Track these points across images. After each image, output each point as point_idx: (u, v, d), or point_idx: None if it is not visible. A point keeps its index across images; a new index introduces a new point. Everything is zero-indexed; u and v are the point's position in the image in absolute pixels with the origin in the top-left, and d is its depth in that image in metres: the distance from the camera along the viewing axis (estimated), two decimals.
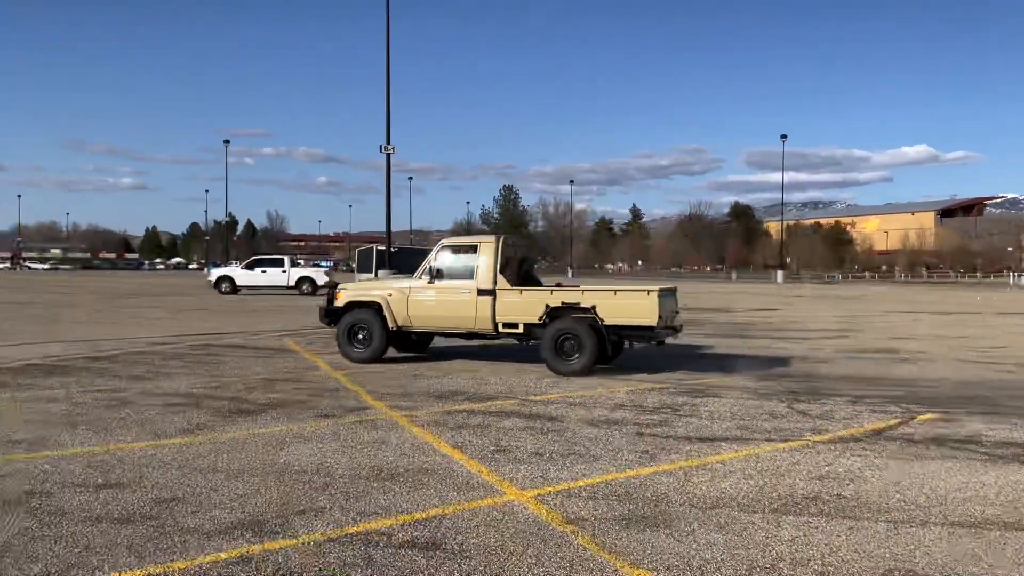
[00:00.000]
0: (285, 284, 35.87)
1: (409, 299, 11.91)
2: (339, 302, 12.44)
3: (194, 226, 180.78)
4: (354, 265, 42.43)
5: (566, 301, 11.03)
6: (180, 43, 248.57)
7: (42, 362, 11.56)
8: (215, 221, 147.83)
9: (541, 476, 5.73)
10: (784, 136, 72.85)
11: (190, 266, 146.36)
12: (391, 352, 12.47)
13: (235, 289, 35.80)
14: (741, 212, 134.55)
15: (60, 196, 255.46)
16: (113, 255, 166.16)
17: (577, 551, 4.27)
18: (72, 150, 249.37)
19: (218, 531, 4.51)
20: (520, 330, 11.36)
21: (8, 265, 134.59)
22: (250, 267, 36.80)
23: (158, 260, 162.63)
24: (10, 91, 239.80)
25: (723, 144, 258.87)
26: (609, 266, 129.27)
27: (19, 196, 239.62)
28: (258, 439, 6.80)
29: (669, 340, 11.80)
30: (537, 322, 11.14)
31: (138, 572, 3.93)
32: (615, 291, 11.06)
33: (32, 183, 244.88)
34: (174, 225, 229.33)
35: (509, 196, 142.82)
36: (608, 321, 10.74)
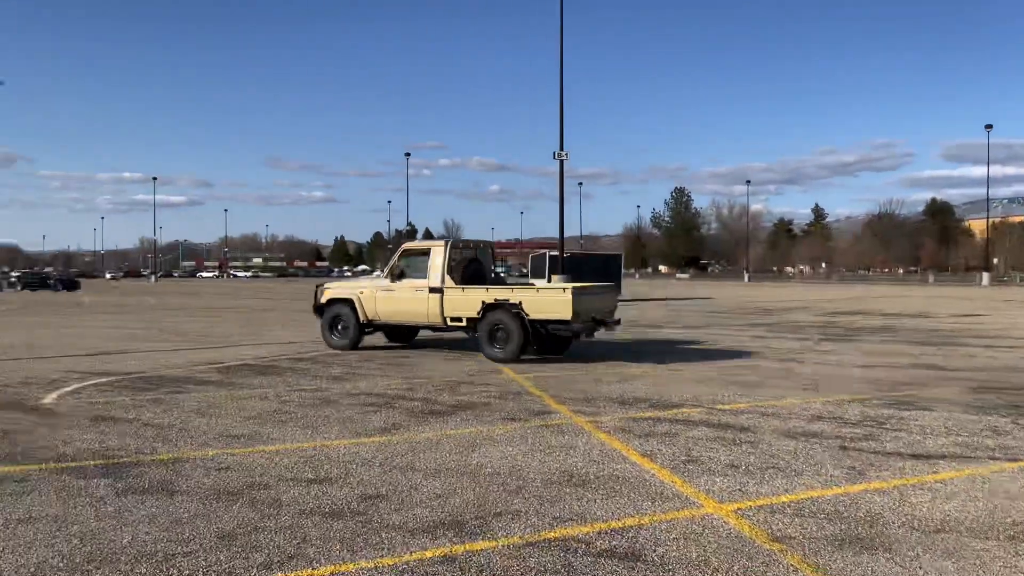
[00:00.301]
0: None
1: (376, 296, 13.74)
2: (323, 299, 14.39)
3: (377, 235, 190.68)
4: (527, 270, 43.05)
5: (498, 298, 12.56)
6: (365, 63, 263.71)
7: (253, 362, 12.53)
8: (396, 230, 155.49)
9: (739, 489, 5.48)
10: (989, 126, 66.70)
11: (374, 273, 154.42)
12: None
13: None
14: (938, 210, 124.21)
15: (260, 210, 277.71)
16: (306, 263, 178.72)
17: (788, 571, 4.03)
18: (271, 167, 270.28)
19: (421, 529, 4.64)
20: (464, 323, 12.99)
21: (216, 273, 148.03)
22: None
23: (346, 267, 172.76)
24: (219, 114, 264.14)
25: (916, 137, 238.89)
26: (789, 269, 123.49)
27: (226, 211, 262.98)
28: (450, 440, 6.98)
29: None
30: (476, 316, 12.68)
31: (351, 566, 4.11)
32: (538, 289, 12.93)
33: (236, 199, 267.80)
34: (359, 234, 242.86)
35: (680, 199, 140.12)
36: (532, 315, 12.24)
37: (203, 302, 37.28)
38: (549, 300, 12.27)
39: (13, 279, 62.67)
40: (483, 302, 12.62)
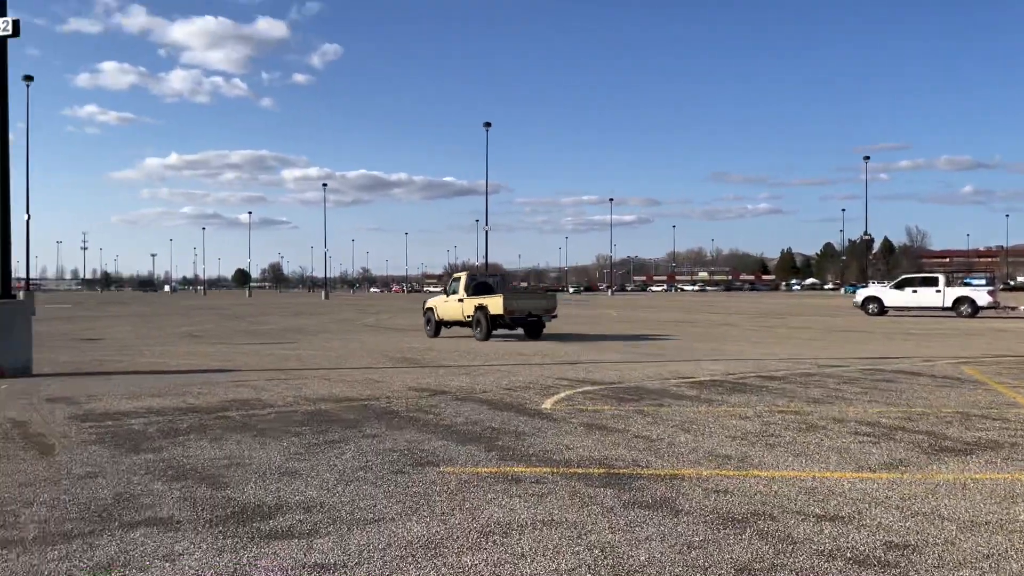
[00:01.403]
0: (940, 305, 32.83)
1: (442, 305, 22.64)
2: (424, 307, 23.79)
3: (827, 246, 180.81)
4: (1014, 282, 36.46)
5: (480, 303, 20.87)
6: (810, 67, 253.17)
7: (722, 379, 12.34)
8: (850, 240, 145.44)
9: None
10: None
11: (825, 286, 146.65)
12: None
13: (883, 310, 34.16)
14: None
15: (705, 224, 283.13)
16: (751, 277, 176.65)
17: None
18: (715, 182, 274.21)
19: None
20: (471, 320, 21.12)
21: (664, 287, 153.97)
22: (899, 286, 34.69)
23: (793, 281, 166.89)
24: (666, 135, 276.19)
25: None
26: None
27: (673, 227, 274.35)
28: (979, 486, 5.87)
29: None
30: (473, 314, 21.00)
31: None
32: (491, 296, 20.91)
33: (682, 214, 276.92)
34: (807, 246, 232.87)
35: None
36: (492, 312, 20.39)
37: (660, 315, 38.72)
38: (494, 302, 20.50)
39: None
40: (475, 306, 21.12)
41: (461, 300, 21.74)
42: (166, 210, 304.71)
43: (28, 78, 43.93)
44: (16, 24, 13.27)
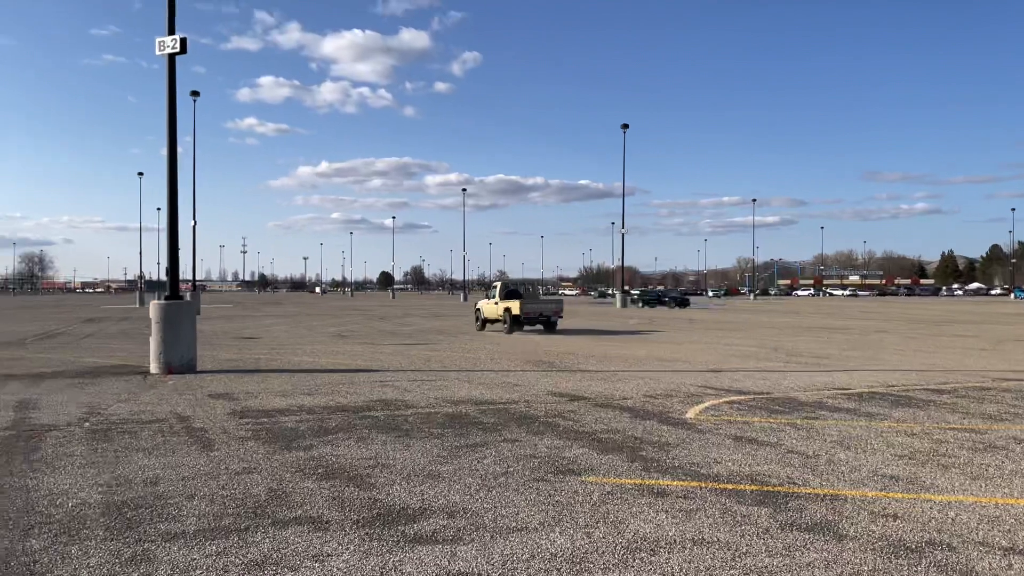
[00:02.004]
0: None
1: (486, 306, 28.34)
2: (476, 307, 29.79)
3: (994, 248, 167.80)
4: None
5: (507, 305, 26.53)
6: (978, 59, 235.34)
7: (883, 391, 11.51)
8: (1019, 242, 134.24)
9: None
10: None
11: (991, 291, 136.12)
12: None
13: None
14: None
15: (856, 225, 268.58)
16: (907, 281, 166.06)
17: None
18: (867, 180, 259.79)
19: None
20: (502, 318, 26.82)
21: (811, 292, 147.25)
22: None
23: (955, 285, 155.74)
24: (813, 134, 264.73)
25: None
26: None
27: (822, 228, 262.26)
28: None
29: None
30: (503, 313, 26.76)
31: None
32: (515, 300, 26.63)
33: (830, 215, 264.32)
34: (970, 248, 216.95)
35: None
36: (513, 312, 26.18)
37: (808, 320, 36.95)
38: (515, 305, 26.02)
39: (634, 296, 71.44)
40: (504, 308, 26.54)
41: (496, 303, 27.64)
42: (317, 216, 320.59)
43: (195, 94, 47.24)
44: (184, 42, 14.21)
